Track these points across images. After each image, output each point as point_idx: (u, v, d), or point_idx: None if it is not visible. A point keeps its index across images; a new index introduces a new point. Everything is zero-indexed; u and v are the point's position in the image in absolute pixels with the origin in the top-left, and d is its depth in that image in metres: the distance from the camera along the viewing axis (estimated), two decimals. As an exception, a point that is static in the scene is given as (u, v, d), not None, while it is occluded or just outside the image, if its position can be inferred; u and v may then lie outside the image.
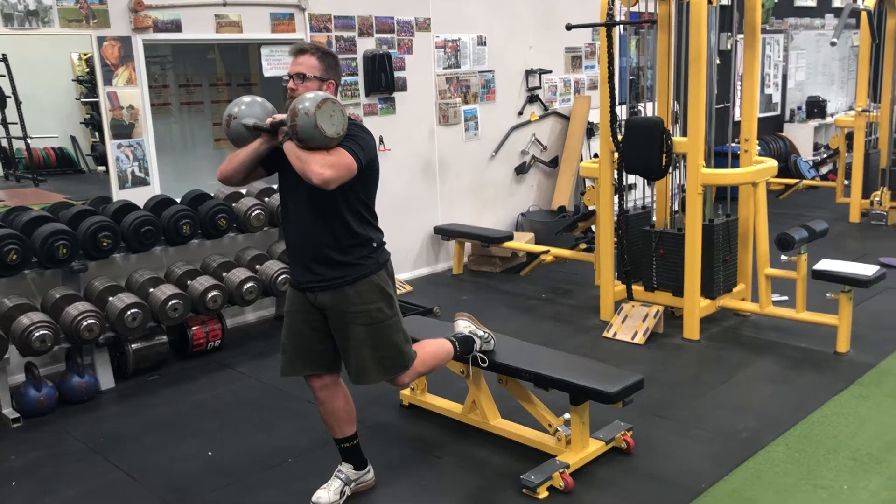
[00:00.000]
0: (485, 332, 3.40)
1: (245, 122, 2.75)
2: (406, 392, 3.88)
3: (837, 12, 10.86)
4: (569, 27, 4.94)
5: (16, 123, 6.46)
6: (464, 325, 3.40)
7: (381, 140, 5.93)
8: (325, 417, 3.03)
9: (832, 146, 8.39)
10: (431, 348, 3.16)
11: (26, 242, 4.07)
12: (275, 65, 5.38)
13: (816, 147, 10.29)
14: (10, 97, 6.30)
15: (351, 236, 2.81)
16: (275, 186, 5.27)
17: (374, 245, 2.88)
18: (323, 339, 2.92)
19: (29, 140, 6.54)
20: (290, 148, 2.63)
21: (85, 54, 5.86)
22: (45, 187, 6.51)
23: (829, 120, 10.48)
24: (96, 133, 6.38)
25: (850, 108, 10.43)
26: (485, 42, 6.59)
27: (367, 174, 2.78)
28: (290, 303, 2.97)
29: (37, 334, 3.88)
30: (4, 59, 6.16)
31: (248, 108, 2.78)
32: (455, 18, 6.35)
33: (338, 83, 2.86)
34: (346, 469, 3.08)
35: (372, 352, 2.87)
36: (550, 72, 7.13)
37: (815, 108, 10.58)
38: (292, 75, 2.76)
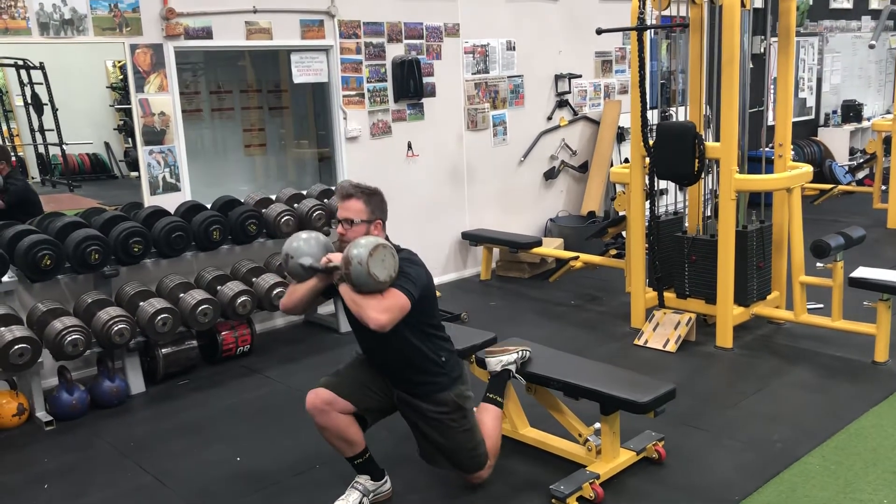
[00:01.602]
0: (517, 353, 3.37)
1: (302, 262, 2.87)
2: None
3: (874, 14, 10.66)
4: (599, 31, 4.90)
5: (52, 130, 6.57)
6: (496, 363, 3.37)
7: (409, 146, 5.93)
8: (331, 442, 3.01)
9: (869, 151, 8.23)
10: (491, 433, 3.16)
11: (60, 248, 4.13)
12: (304, 71, 5.41)
13: (852, 152, 10.10)
14: (46, 104, 6.41)
15: (420, 354, 2.93)
16: (304, 192, 5.30)
17: (444, 358, 2.98)
18: (377, 398, 3.02)
19: (64, 146, 6.65)
20: (345, 291, 2.76)
21: (119, 61, 5.95)
22: (80, 193, 6.61)
23: (865, 124, 10.28)
24: (129, 139, 6.47)
25: (888, 112, 10.24)
26: (514, 47, 6.57)
27: (423, 302, 2.86)
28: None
29: (69, 338, 3.93)
30: (41, 67, 6.27)
31: (306, 244, 2.89)
32: (484, 24, 6.33)
33: (384, 220, 2.96)
34: (363, 480, 3.06)
35: (443, 450, 3.02)
36: (580, 76, 7.08)
37: (851, 111, 10.39)
38: (341, 220, 2.88)
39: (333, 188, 5.29)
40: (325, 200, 5.17)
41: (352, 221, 2.86)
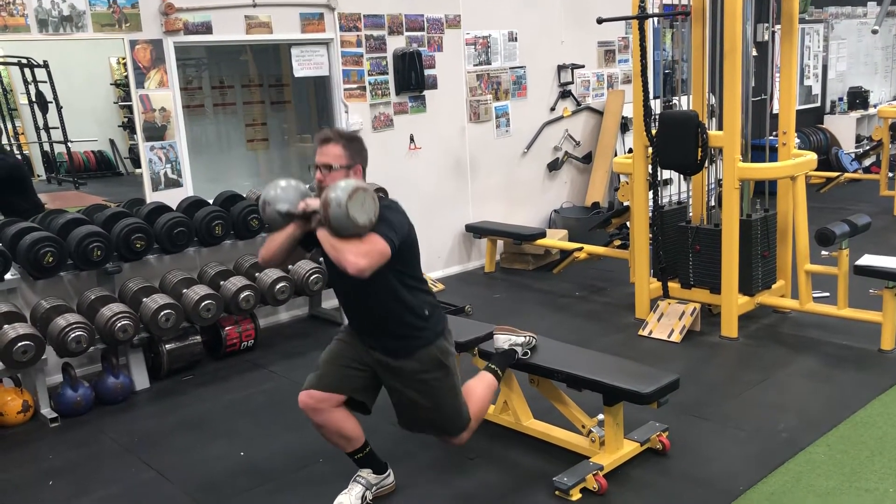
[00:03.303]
0: (525, 338, 3.37)
1: (278, 209, 2.77)
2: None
3: (879, 0, 10.58)
4: (600, 21, 4.87)
5: (57, 128, 6.59)
6: (503, 340, 3.37)
7: (411, 139, 5.91)
8: (330, 439, 2.99)
9: (875, 138, 8.17)
10: (479, 398, 3.13)
11: (62, 245, 4.13)
12: (305, 65, 5.40)
13: (859, 139, 10.03)
14: (51, 103, 6.43)
15: (402, 306, 2.83)
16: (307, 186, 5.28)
17: (427, 312, 2.88)
18: (361, 375, 2.94)
19: (69, 144, 6.67)
20: (323, 236, 2.66)
21: (122, 58, 5.96)
22: (86, 190, 6.63)
23: (871, 111, 10.22)
24: (134, 136, 6.49)
25: (895, 98, 10.16)
26: (516, 38, 6.53)
27: (404, 251, 2.77)
28: (346, 335, 3.01)
29: (73, 335, 3.93)
30: (45, 66, 6.27)
31: (283, 192, 2.79)
32: (485, 15, 6.30)
33: (364, 166, 2.86)
34: (365, 474, 3.05)
35: (426, 413, 2.93)
36: (583, 66, 7.04)
37: (858, 98, 10.32)
38: (319, 166, 2.78)
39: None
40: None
41: (330, 167, 2.75)
